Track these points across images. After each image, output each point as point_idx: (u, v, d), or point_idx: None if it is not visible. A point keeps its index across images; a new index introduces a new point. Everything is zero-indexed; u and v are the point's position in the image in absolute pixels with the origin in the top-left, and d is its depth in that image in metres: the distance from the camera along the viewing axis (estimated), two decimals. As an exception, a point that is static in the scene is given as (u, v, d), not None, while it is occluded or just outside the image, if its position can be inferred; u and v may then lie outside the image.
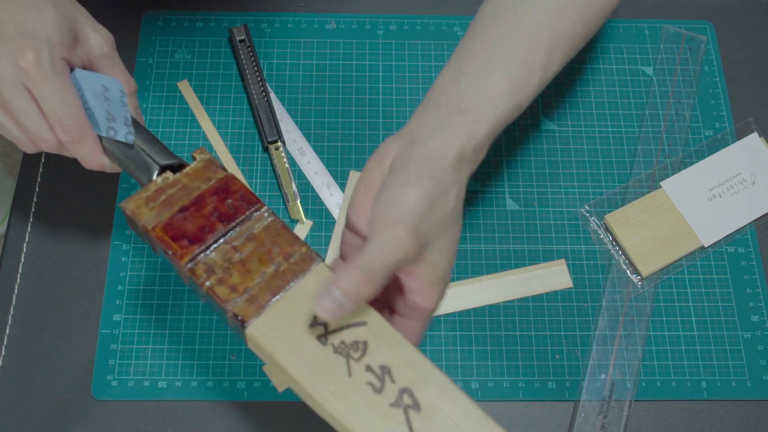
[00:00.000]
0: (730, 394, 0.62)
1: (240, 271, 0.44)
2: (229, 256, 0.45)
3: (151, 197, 0.47)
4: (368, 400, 0.40)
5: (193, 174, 0.48)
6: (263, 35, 0.74)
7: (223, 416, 0.61)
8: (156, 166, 0.49)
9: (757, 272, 0.67)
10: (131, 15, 0.74)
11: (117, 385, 0.61)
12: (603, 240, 0.67)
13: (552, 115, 0.72)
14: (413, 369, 0.41)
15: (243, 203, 0.47)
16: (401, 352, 0.42)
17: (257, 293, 0.43)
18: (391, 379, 0.41)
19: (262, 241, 0.45)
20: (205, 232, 0.45)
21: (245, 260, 0.45)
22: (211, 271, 0.44)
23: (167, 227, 0.46)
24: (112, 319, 0.63)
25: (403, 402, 0.40)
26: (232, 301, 0.43)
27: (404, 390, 0.41)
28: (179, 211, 0.46)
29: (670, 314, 0.65)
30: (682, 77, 0.74)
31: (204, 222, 0.46)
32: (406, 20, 0.75)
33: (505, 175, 0.70)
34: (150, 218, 0.46)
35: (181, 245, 0.45)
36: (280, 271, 0.44)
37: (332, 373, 0.41)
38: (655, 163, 0.70)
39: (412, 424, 0.40)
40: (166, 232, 0.46)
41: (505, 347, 0.63)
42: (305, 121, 0.71)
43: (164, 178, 0.48)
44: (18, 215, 0.67)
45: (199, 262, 0.45)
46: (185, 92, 0.72)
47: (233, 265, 0.44)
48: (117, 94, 0.51)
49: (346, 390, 0.41)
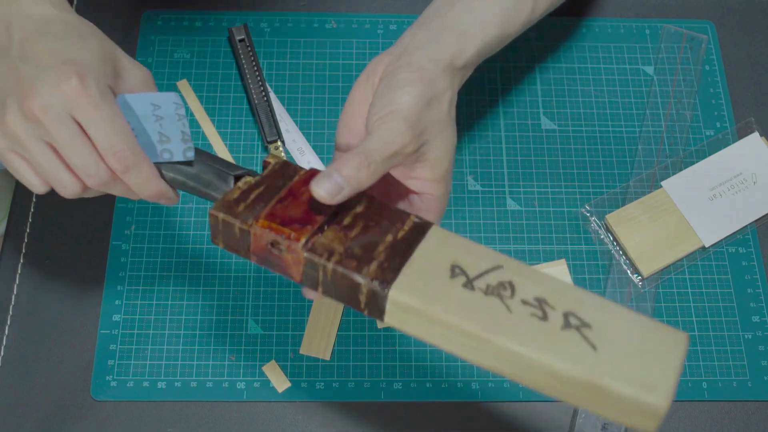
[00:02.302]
0: (731, 394, 0.62)
1: (360, 245, 0.43)
2: (342, 234, 0.44)
3: (239, 199, 0.45)
4: (539, 329, 0.40)
5: (273, 174, 0.47)
6: (263, 35, 0.74)
7: (222, 416, 0.61)
8: (230, 176, 0.47)
9: (757, 272, 0.66)
10: (130, 14, 0.74)
11: (116, 385, 0.61)
12: (603, 240, 0.67)
13: (552, 115, 0.72)
14: (565, 295, 0.41)
15: None
16: (548, 284, 0.41)
17: (384, 260, 0.42)
18: (551, 306, 0.40)
19: (370, 217, 0.45)
20: (313, 215, 0.44)
21: (361, 233, 0.44)
22: (330, 250, 0.43)
23: (271, 217, 0.44)
24: (112, 319, 0.63)
25: (571, 324, 0.39)
26: (364, 270, 0.42)
27: (568, 313, 0.40)
28: (278, 201, 0.45)
29: (670, 314, 0.65)
30: (683, 77, 0.73)
31: (306, 207, 0.44)
32: (406, 20, 0.75)
33: (505, 175, 0.69)
34: (247, 216, 0.44)
35: (293, 228, 0.43)
36: (400, 238, 0.43)
37: (493, 313, 0.40)
38: (656, 163, 0.70)
39: (590, 340, 0.39)
40: (273, 221, 0.44)
41: (506, 347, 0.63)
42: (305, 121, 0.71)
43: (245, 182, 0.46)
44: (18, 215, 0.67)
45: (316, 243, 0.43)
46: (185, 92, 0.71)
47: (351, 240, 0.43)
48: (171, 108, 0.47)
49: (514, 326, 0.40)
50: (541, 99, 0.73)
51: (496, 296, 0.41)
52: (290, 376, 0.62)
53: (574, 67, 0.74)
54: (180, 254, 0.65)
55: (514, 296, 0.41)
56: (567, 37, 0.75)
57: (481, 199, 0.68)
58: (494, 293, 0.41)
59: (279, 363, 0.62)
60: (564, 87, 0.73)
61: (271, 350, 0.63)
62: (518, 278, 0.42)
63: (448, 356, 0.63)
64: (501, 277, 0.42)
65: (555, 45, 0.75)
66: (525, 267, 0.42)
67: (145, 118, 0.46)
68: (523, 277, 0.42)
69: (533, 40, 0.75)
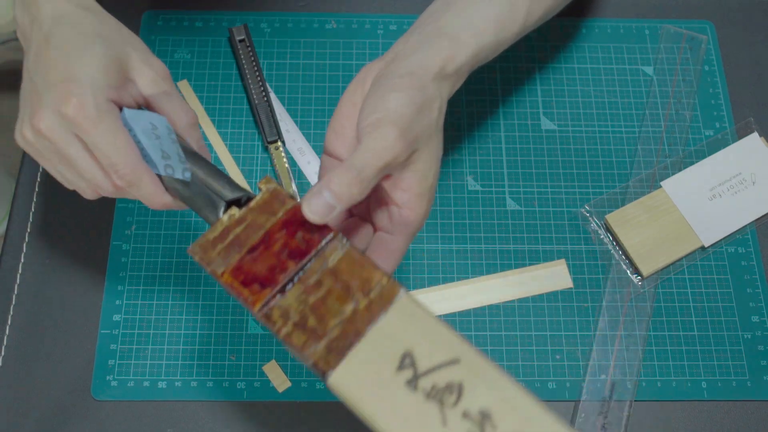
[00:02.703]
0: (731, 394, 0.62)
1: (317, 314, 0.41)
2: (304, 297, 0.42)
3: (218, 238, 0.44)
4: None
5: (258, 208, 0.45)
6: (263, 35, 0.74)
7: (222, 416, 0.61)
8: (222, 203, 0.46)
9: (757, 272, 0.67)
10: (131, 15, 0.74)
11: (117, 385, 0.61)
12: (603, 240, 0.67)
13: (552, 115, 0.72)
14: (516, 411, 0.37)
15: (314, 234, 0.43)
16: (502, 392, 0.37)
17: (337, 337, 0.40)
18: (493, 425, 0.36)
19: (339, 275, 0.42)
20: (277, 273, 0.42)
21: (322, 300, 0.41)
22: (286, 316, 0.41)
23: (236, 272, 0.42)
24: (112, 319, 0.63)
25: None
26: (310, 349, 0.40)
27: None
28: (248, 252, 0.43)
29: (670, 314, 0.65)
30: (683, 77, 0.74)
31: (275, 261, 0.43)
32: (406, 20, 0.75)
33: (505, 175, 0.70)
34: (218, 263, 0.43)
35: (252, 290, 0.42)
36: (360, 310, 0.41)
37: (425, 424, 0.37)
38: (656, 163, 0.70)
39: None
40: (236, 277, 0.42)
41: (505, 347, 0.63)
42: (305, 121, 0.71)
43: (230, 216, 0.45)
44: (18, 215, 0.67)
45: (274, 307, 0.42)
46: (185, 92, 0.71)
47: (309, 307, 0.41)
48: (165, 132, 0.48)
49: None
50: (541, 99, 0.73)
51: (437, 402, 0.38)
52: (290, 376, 0.62)
53: (573, 67, 0.74)
54: (180, 254, 0.66)
55: (457, 404, 0.38)
56: (567, 37, 0.75)
57: (481, 199, 0.68)
58: (436, 398, 0.38)
59: (279, 363, 0.62)
60: (564, 87, 0.73)
61: (271, 350, 0.63)
62: (471, 380, 0.38)
63: (448, 356, 0.63)
64: (452, 376, 0.38)
65: (555, 45, 0.75)
66: (484, 364, 0.39)
67: (147, 134, 0.47)
68: (478, 378, 0.38)
69: (533, 40, 0.75)
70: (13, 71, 1.43)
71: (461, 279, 0.65)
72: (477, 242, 0.67)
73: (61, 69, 0.45)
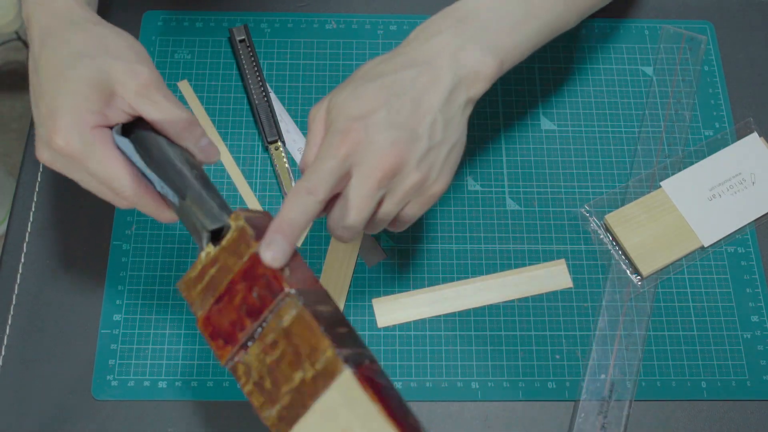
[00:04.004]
0: (730, 394, 0.63)
1: (272, 376, 0.43)
2: (262, 357, 0.44)
3: (197, 278, 0.46)
4: None
5: (229, 247, 0.46)
6: (263, 35, 0.74)
7: (222, 416, 0.61)
8: (205, 233, 0.47)
9: (756, 272, 0.67)
10: (131, 15, 0.74)
11: (117, 385, 0.61)
12: (603, 240, 0.67)
13: (552, 115, 0.72)
14: None
15: (267, 292, 0.44)
16: None
17: (287, 405, 0.43)
18: None
19: (291, 338, 0.43)
20: (237, 330, 0.44)
21: (277, 362, 0.43)
22: (248, 373, 0.44)
23: (206, 323, 0.45)
24: (112, 319, 0.63)
25: None
26: (266, 412, 0.43)
27: None
28: (215, 301, 0.46)
29: (670, 314, 0.65)
30: (682, 77, 0.74)
31: (235, 317, 0.45)
32: (406, 20, 0.75)
33: (505, 175, 0.70)
34: (198, 305, 0.46)
35: (218, 345, 0.44)
36: (308, 380, 0.42)
37: None
38: (655, 163, 0.70)
39: None
40: (206, 328, 0.45)
41: (505, 347, 0.63)
42: (305, 121, 0.71)
43: (207, 254, 0.47)
44: (18, 215, 0.67)
45: (238, 363, 0.44)
46: (185, 92, 0.72)
47: (266, 368, 0.44)
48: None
49: None
50: (540, 99, 0.73)
51: None
52: (290, 376, 0.62)
53: (573, 67, 0.74)
54: (180, 254, 0.66)
55: None
56: (567, 37, 0.75)
57: (480, 199, 0.68)
58: None
59: (279, 363, 0.62)
60: (564, 87, 0.73)
61: (271, 350, 0.63)
62: None
63: (448, 356, 0.63)
64: None
65: (555, 45, 0.75)
66: None
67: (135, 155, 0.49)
68: None
69: (533, 40, 0.75)
70: (13, 71, 1.43)
71: (461, 279, 0.65)
72: (477, 242, 0.67)
73: (48, 100, 0.47)
